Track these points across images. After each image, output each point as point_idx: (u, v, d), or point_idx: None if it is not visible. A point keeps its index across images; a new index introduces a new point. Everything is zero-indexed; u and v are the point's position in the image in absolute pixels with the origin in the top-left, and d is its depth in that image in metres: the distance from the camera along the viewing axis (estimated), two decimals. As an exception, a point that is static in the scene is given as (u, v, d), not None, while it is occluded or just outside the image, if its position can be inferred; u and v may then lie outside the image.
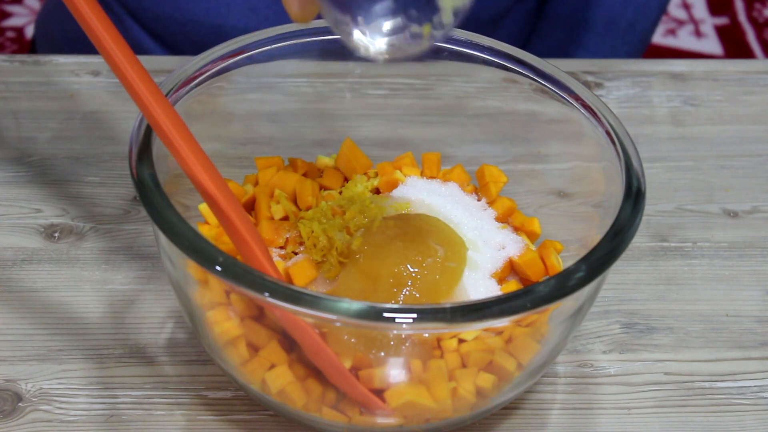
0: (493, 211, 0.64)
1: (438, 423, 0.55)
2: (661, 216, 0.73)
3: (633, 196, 0.55)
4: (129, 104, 0.75)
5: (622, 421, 0.60)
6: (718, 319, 0.66)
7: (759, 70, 0.86)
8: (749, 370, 0.63)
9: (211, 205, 0.52)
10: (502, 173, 0.65)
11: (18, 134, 0.75)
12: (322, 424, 0.56)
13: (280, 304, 0.48)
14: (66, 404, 0.59)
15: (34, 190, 0.71)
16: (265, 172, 0.64)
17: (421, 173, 0.66)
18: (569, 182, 0.65)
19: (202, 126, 0.59)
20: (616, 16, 0.95)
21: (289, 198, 0.62)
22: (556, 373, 0.63)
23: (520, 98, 0.64)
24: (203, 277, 0.54)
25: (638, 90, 0.83)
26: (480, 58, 0.63)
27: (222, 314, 0.54)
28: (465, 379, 0.54)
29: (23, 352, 0.62)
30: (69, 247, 0.68)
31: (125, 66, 0.51)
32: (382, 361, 0.53)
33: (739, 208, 0.74)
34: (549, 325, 0.55)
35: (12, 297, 0.65)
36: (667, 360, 0.64)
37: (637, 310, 0.66)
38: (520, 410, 0.61)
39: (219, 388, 0.60)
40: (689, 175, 0.76)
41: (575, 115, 0.60)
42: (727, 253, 0.71)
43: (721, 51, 1.88)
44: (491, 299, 0.49)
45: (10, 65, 0.81)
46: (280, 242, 0.59)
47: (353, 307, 0.48)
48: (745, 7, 1.96)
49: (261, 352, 0.54)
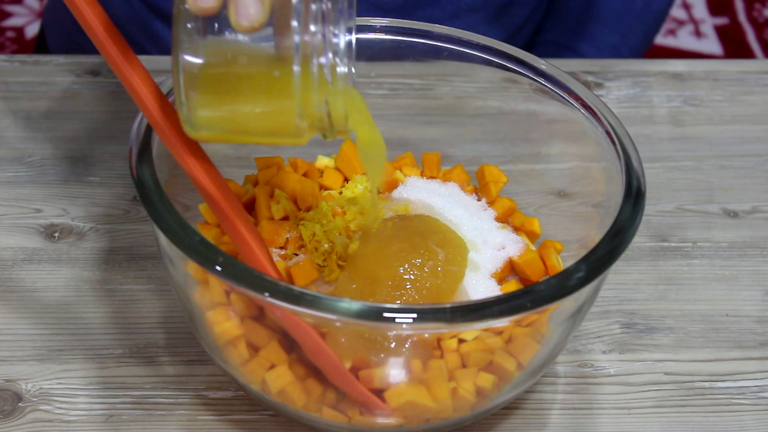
0: (493, 211, 0.64)
1: (438, 423, 0.55)
2: (661, 216, 0.73)
3: (633, 196, 0.55)
4: (129, 104, 0.75)
5: (622, 421, 0.60)
6: (718, 319, 0.66)
7: (759, 70, 0.86)
8: (749, 370, 0.63)
9: (211, 205, 0.52)
10: (502, 173, 0.65)
11: (18, 134, 0.75)
12: (322, 424, 0.56)
13: (280, 304, 0.48)
14: (66, 404, 0.59)
15: (34, 190, 0.71)
16: (265, 172, 0.64)
17: (421, 173, 0.66)
18: (569, 182, 0.65)
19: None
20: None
21: (289, 198, 0.62)
22: (556, 373, 0.63)
23: (520, 98, 0.64)
24: (203, 277, 0.54)
25: (638, 90, 0.83)
26: (480, 58, 0.63)
27: (222, 314, 0.54)
28: (465, 379, 0.54)
29: (23, 352, 0.62)
30: (69, 247, 0.68)
31: (125, 66, 0.51)
32: (382, 361, 0.53)
33: (739, 208, 0.74)
34: (549, 325, 0.55)
35: (12, 297, 0.65)
36: (667, 360, 0.64)
37: (637, 310, 0.66)
38: (520, 410, 0.61)
39: (219, 388, 0.60)
40: (689, 175, 0.76)
41: (575, 115, 0.60)
42: (727, 253, 0.71)
43: (721, 51, 1.88)
44: (491, 299, 0.49)
45: (10, 65, 0.81)
46: (280, 242, 0.59)
47: (353, 307, 0.48)
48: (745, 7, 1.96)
49: (261, 352, 0.54)
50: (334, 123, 0.50)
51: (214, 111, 0.49)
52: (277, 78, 0.48)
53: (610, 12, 0.95)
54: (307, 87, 0.48)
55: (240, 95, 0.49)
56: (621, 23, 0.95)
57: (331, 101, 0.49)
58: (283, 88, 0.48)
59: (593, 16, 0.95)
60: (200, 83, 0.48)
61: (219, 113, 0.49)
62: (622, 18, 0.95)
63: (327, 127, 0.50)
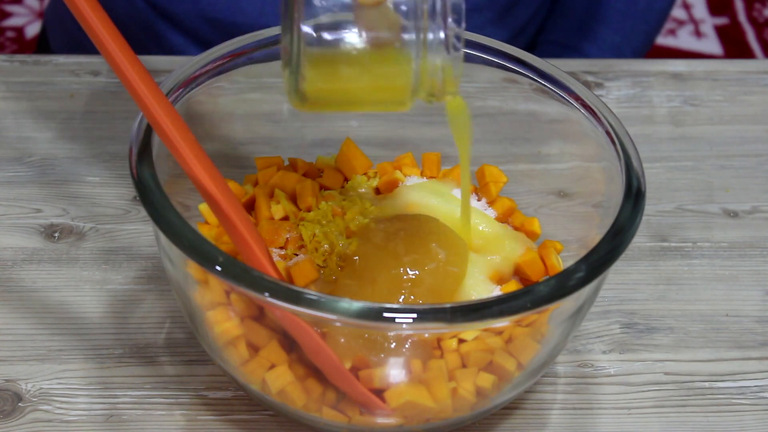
0: (493, 211, 0.64)
1: (438, 423, 0.55)
2: (661, 216, 0.73)
3: (633, 196, 0.55)
4: (129, 104, 0.75)
5: (622, 421, 0.60)
6: (718, 319, 0.66)
7: (759, 70, 0.86)
8: (749, 370, 0.63)
9: (211, 205, 0.52)
10: (502, 173, 0.65)
11: (18, 134, 0.75)
12: (322, 424, 0.56)
13: (280, 304, 0.48)
14: (66, 404, 0.59)
15: (34, 190, 0.71)
16: (265, 172, 0.64)
17: (421, 173, 0.66)
18: (569, 182, 0.65)
19: (202, 126, 0.59)
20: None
21: (289, 198, 0.62)
22: (556, 373, 0.63)
23: (520, 98, 0.64)
24: (203, 277, 0.54)
25: (638, 90, 0.83)
26: (480, 58, 0.63)
27: (222, 314, 0.54)
28: (465, 379, 0.54)
29: (23, 352, 0.62)
30: (69, 247, 0.68)
31: (125, 66, 0.51)
32: (382, 361, 0.53)
33: (739, 208, 0.74)
34: (549, 325, 0.55)
35: (12, 297, 0.65)
36: (667, 360, 0.64)
37: (637, 310, 0.66)
38: (520, 410, 0.61)
39: (219, 388, 0.60)
40: (689, 175, 0.76)
41: (575, 115, 0.60)
42: (727, 253, 0.71)
43: (721, 51, 1.88)
44: (491, 299, 0.49)
45: (10, 65, 0.81)
46: (280, 242, 0.59)
47: (353, 307, 0.48)
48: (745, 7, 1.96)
49: (261, 352, 0.54)
50: (447, 86, 0.52)
51: (330, 83, 0.51)
52: (398, 49, 0.50)
53: (613, 12, 0.95)
54: (425, 55, 0.50)
55: (358, 68, 0.50)
56: (624, 23, 0.95)
57: (446, 67, 0.51)
58: (402, 58, 0.50)
59: (596, 16, 0.95)
60: (319, 56, 0.49)
61: (335, 85, 0.51)
62: (625, 18, 0.95)
63: (438, 91, 0.52)
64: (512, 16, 0.93)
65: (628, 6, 0.95)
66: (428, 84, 0.51)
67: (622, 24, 0.95)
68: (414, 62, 0.50)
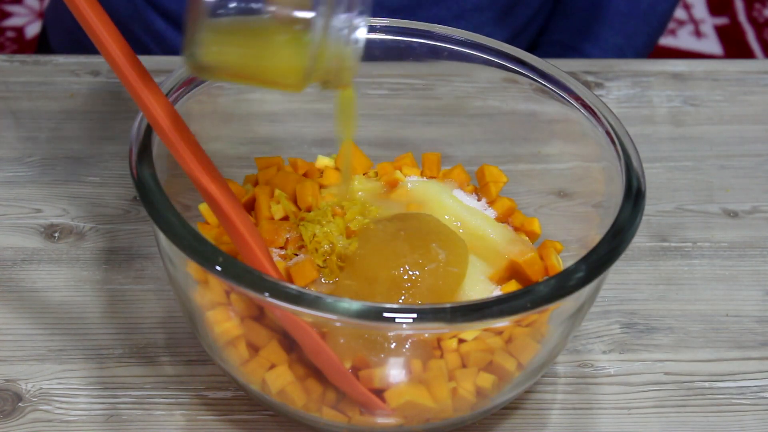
0: (493, 211, 0.64)
1: (438, 423, 0.55)
2: (661, 216, 0.73)
3: (633, 196, 0.55)
4: (129, 104, 0.75)
5: (622, 421, 0.60)
6: (718, 319, 0.66)
7: (759, 70, 0.86)
8: (749, 370, 0.63)
9: (211, 205, 0.52)
10: (502, 173, 0.65)
11: (18, 134, 0.75)
12: (322, 424, 0.56)
13: (280, 304, 0.48)
14: (66, 404, 0.59)
15: (34, 190, 0.71)
16: (265, 172, 0.64)
17: (421, 173, 0.66)
18: (569, 182, 0.65)
19: (202, 126, 0.59)
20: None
21: (289, 198, 0.62)
22: (556, 373, 0.63)
23: (520, 98, 0.64)
24: (203, 277, 0.54)
25: (638, 90, 0.83)
26: (480, 58, 0.63)
27: (222, 314, 0.54)
28: (465, 379, 0.54)
29: (23, 352, 0.62)
30: (69, 247, 0.68)
31: (125, 66, 0.51)
32: (382, 361, 0.53)
33: (739, 208, 0.74)
34: (549, 325, 0.55)
35: (12, 297, 0.65)
36: (667, 360, 0.64)
37: (637, 310, 0.66)
38: (520, 410, 0.61)
39: (219, 388, 0.60)
40: (689, 175, 0.76)
41: (575, 115, 0.60)
42: (727, 253, 0.71)
43: (721, 51, 1.88)
44: (491, 299, 0.49)
45: (10, 65, 0.81)
46: (280, 242, 0.59)
47: (353, 307, 0.48)
48: (745, 7, 1.96)
49: (261, 352, 0.54)
50: (342, 76, 0.51)
51: (223, 52, 0.50)
52: (298, 29, 0.49)
53: (615, 13, 0.95)
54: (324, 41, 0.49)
55: (253, 40, 0.49)
56: (626, 25, 0.95)
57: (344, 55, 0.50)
58: (300, 40, 0.49)
59: (599, 17, 0.95)
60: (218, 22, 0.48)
61: (228, 56, 0.50)
62: (627, 20, 0.95)
63: (333, 79, 0.51)
64: (513, 16, 0.93)
65: (630, 7, 0.95)
66: (323, 71, 0.51)
67: (624, 25, 0.95)
68: (311, 46, 0.49)
